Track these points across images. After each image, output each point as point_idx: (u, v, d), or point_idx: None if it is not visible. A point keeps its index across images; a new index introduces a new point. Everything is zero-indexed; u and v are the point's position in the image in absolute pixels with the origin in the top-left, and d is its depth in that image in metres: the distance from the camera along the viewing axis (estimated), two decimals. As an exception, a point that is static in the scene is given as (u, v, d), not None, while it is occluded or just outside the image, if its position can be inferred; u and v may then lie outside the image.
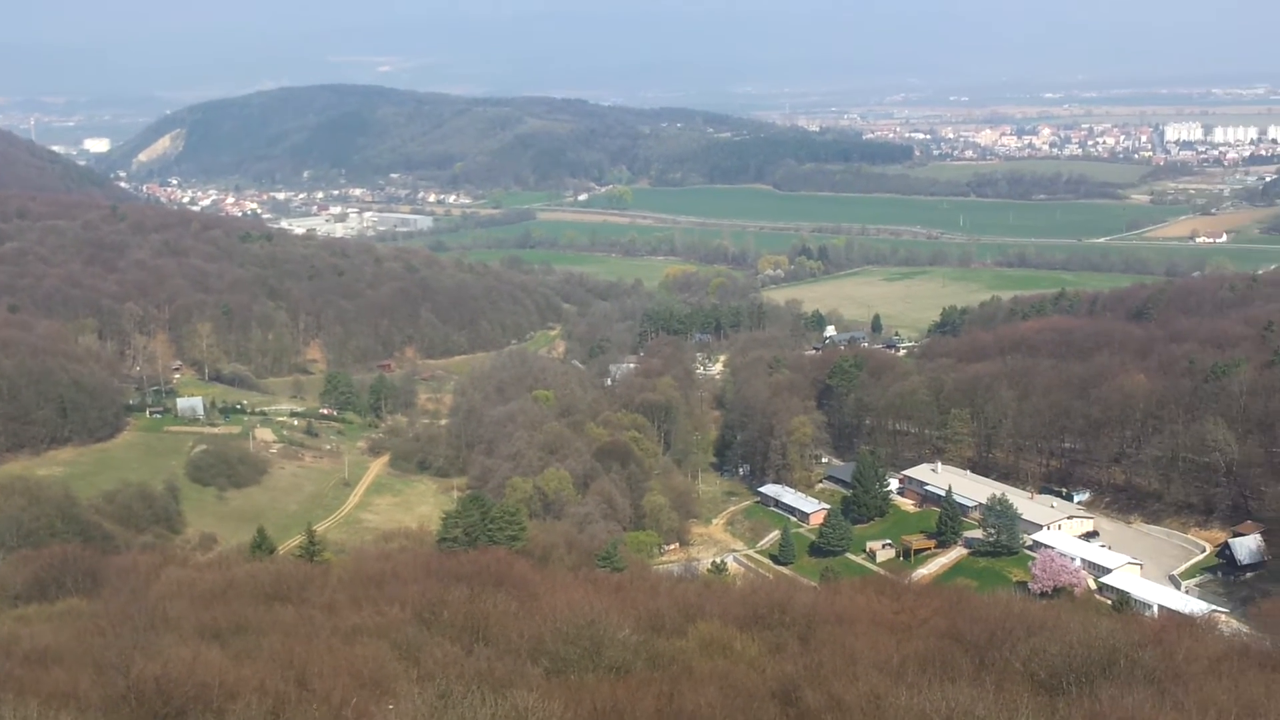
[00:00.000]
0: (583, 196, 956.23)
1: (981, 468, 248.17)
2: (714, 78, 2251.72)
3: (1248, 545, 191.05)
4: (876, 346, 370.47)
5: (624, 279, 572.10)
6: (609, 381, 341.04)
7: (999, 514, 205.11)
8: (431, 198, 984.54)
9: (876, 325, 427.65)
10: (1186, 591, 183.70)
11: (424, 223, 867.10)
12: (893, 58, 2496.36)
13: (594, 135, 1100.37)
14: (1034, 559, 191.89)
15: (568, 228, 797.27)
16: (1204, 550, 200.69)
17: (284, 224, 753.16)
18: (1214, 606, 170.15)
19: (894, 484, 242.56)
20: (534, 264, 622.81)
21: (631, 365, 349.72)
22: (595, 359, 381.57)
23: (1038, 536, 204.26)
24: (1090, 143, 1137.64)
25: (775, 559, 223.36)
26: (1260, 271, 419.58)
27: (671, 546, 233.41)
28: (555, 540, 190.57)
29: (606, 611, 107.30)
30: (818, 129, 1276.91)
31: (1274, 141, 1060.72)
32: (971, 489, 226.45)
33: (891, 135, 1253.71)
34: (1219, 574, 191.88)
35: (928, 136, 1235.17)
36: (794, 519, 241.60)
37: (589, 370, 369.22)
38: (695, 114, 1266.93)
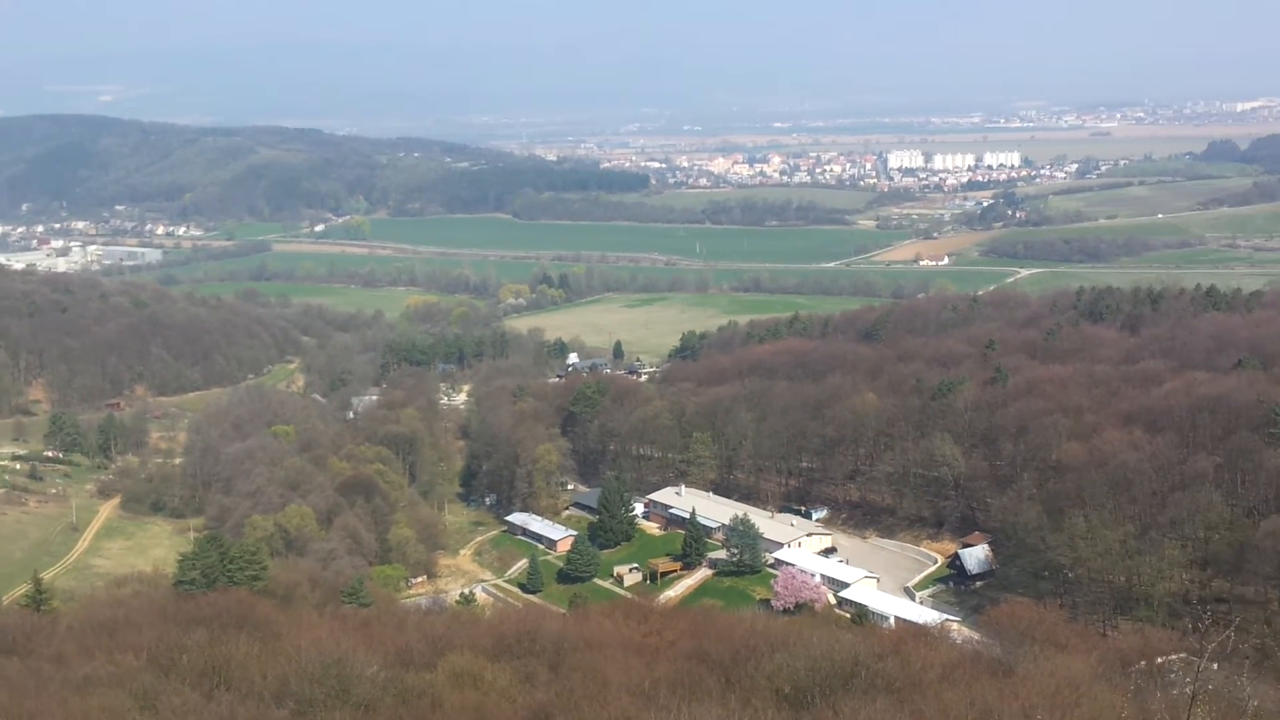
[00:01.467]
0: (320, 227, 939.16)
1: (724, 489, 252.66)
2: (450, 107, 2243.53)
3: (976, 555, 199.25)
4: (619, 373, 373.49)
5: (364, 310, 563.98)
6: (351, 414, 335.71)
7: (741, 534, 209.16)
8: (160, 230, 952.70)
9: (618, 351, 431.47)
10: (921, 602, 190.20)
11: (153, 256, 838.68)
12: (627, 88, 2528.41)
13: (329, 165, 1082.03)
14: (776, 576, 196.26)
15: (305, 259, 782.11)
16: (936, 562, 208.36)
17: (1, 259, 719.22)
18: (947, 615, 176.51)
19: (639, 508, 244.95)
20: (270, 297, 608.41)
21: (374, 397, 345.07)
22: (336, 392, 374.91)
23: (779, 554, 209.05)
24: (819, 170, 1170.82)
25: (524, 587, 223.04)
26: (980, 292, 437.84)
27: (419, 579, 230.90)
28: (298, 578, 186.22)
29: (353, 648, 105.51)
30: (555, 158, 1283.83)
31: (989, 168, 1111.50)
32: (715, 510, 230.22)
33: (628, 164, 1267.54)
34: (950, 584, 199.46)
35: (663, 165, 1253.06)
36: (542, 547, 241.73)
37: (330, 404, 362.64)
38: (433, 143, 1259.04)
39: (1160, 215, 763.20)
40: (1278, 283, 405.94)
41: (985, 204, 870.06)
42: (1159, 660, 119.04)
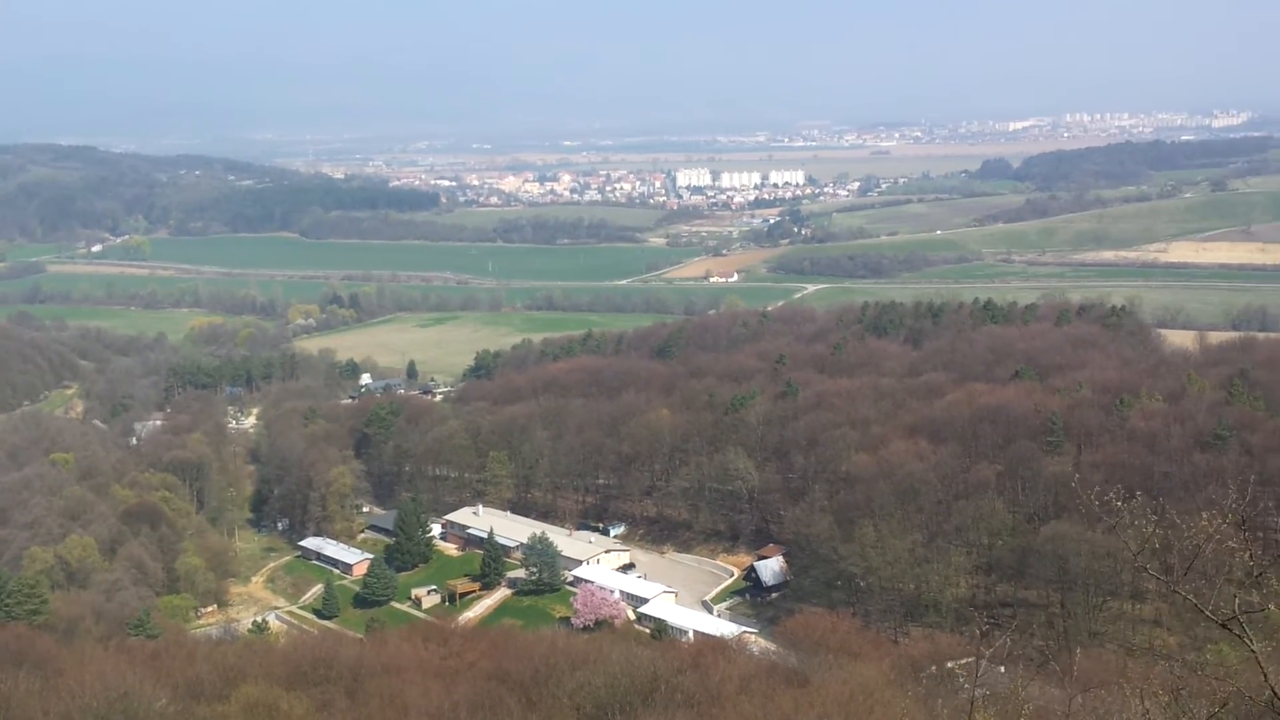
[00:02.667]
0: (97, 248, 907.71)
1: (521, 508, 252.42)
2: (233, 124, 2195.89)
3: (771, 567, 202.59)
4: (413, 393, 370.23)
5: (146, 333, 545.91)
6: (134, 440, 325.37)
7: (540, 552, 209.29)
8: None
9: (412, 371, 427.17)
10: (719, 615, 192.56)
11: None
12: (415, 105, 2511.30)
13: (106, 184, 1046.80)
14: (575, 594, 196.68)
15: (82, 281, 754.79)
16: (732, 574, 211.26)
17: None
18: (744, 627, 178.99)
19: (437, 529, 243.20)
20: (46, 320, 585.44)
21: (158, 422, 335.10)
22: (118, 418, 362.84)
23: (578, 572, 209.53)
24: (609, 188, 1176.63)
25: (319, 613, 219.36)
26: (769, 308, 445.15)
27: (209, 609, 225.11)
28: (81, 611, 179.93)
29: (140, 682, 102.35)
30: (343, 176, 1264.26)
31: (775, 186, 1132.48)
32: (513, 529, 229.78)
33: (417, 182, 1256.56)
34: (747, 596, 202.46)
35: (453, 183, 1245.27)
36: (337, 571, 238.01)
37: (112, 430, 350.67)
38: (215, 161, 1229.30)
39: (939, 231, 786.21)
40: (1051, 295, 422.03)
41: (772, 221, 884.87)
42: (948, 664, 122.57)
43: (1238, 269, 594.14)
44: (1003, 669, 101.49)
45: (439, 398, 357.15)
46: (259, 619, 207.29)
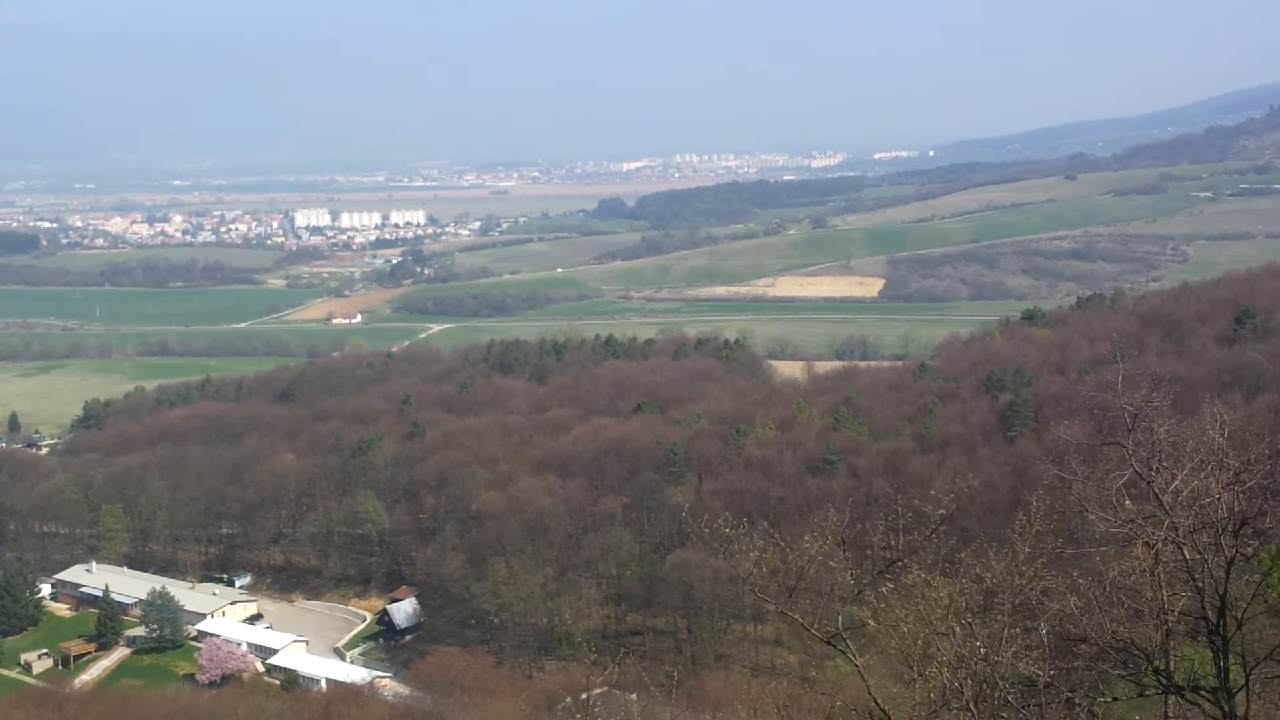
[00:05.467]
0: None
1: (139, 562, 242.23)
2: None
3: (404, 609, 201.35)
4: (16, 446, 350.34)
5: None
6: None
7: (160, 608, 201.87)
8: None
9: (14, 424, 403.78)
10: (352, 662, 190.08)
11: None
12: (5, 144, 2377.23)
13: None
14: (200, 649, 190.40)
15: None
16: (365, 619, 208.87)
17: None
18: (378, 673, 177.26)
19: (46, 589, 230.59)
20: None
21: None
22: None
23: (202, 626, 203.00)
24: (224, 229, 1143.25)
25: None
26: (394, 349, 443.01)
27: None
28: None
29: None
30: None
31: (397, 226, 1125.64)
32: (131, 585, 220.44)
33: (15, 224, 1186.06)
34: (381, 640, 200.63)
35: (55, 225, 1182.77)
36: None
37: None
38: None
39: (560, 270, 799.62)
40: (668, 330, 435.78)
41: (395, 261, 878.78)
42: (583, 696, 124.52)
43: (840, 301, 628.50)
44: (634, 696, 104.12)
45: (45, 451, 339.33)
46: None
